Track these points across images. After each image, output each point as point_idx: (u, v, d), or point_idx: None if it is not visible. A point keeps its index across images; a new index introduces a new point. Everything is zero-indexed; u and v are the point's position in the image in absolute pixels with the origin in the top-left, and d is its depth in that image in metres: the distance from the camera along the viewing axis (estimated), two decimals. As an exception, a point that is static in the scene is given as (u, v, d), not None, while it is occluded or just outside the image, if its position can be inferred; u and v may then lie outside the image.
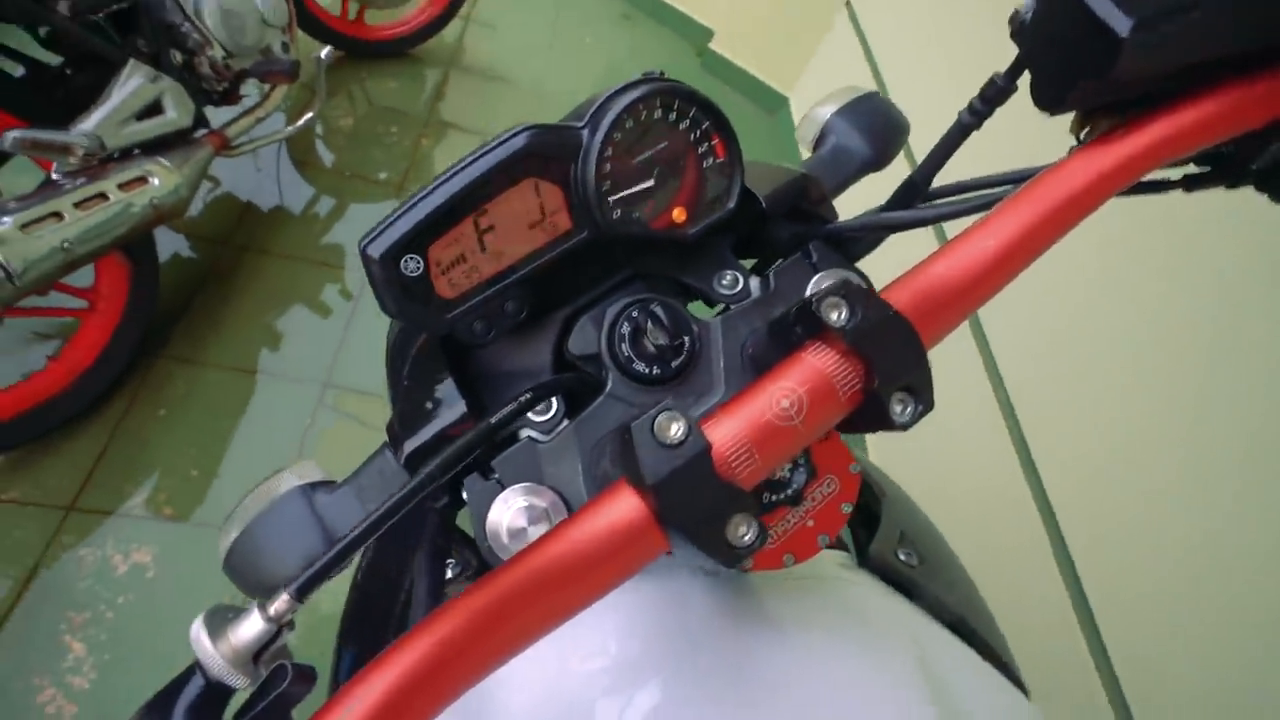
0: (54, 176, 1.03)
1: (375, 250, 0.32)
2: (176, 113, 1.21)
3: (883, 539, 0.49)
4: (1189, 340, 0.92)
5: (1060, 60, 0.25)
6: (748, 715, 0.29)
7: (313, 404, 1.41)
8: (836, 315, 0.26)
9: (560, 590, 0.23)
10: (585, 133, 0.34)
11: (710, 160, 0.38)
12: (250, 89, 1.46)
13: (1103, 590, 0.96)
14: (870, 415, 0.26)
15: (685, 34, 2.87)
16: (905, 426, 0.26)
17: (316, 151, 1.94)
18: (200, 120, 1.29)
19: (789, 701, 0.29)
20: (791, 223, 0.43)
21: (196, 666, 0.20)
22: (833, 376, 0.25)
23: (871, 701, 0.30)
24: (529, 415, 0.36)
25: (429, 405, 0.36)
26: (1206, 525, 0.84)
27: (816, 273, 0.40)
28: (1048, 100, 0.27)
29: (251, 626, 0.20)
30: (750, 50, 2.69)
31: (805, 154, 0.48)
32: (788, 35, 2.55)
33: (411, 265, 0.32)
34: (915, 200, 0.37)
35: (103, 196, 1.02)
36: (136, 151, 1.16)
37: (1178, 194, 0.31)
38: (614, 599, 0.35)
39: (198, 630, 0.20)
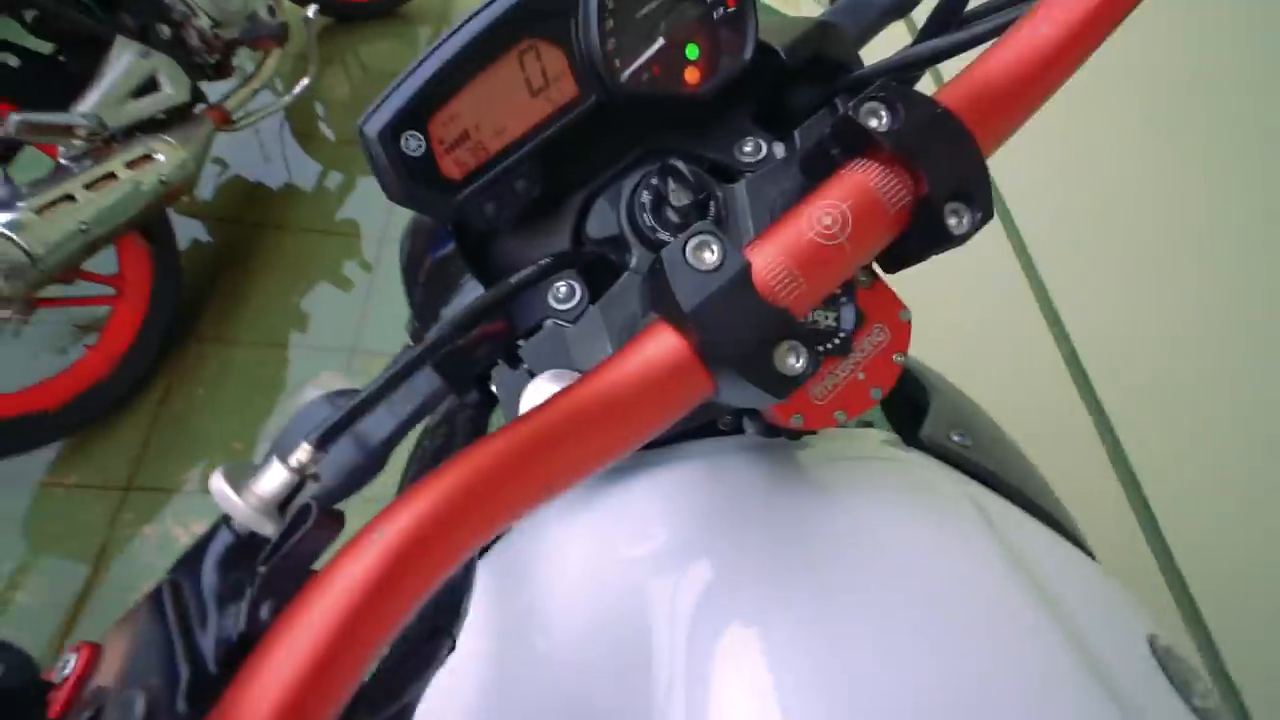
0: (61, 162, 1.03)
1: (373, 128, 0.30)
2: (173, 88, 1.19)
3: (934, 424, 0.46)
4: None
5: None
6: (811, 593, 0.27)
7: (341, 371, 1.42)
8: (878, 121, 0.23)
9: (598, 434, 0.21)
10: (582, -15, 0.31)
11: (720, 10, 0.34)
12: (243, 60, 1.44)
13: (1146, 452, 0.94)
14: (924, 232, 0.24)
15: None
16: (964, 239, 0.23)
17: (318, 123, 1.91)
18: (198, 95, 1.28)
19: (859, 575, 0.27)
20: (814, 84, 0.40)
21: (223, 521, 0.20)
22: (879, 188, 0.23)
23: (950, 568, 0.28)
24: (553, 305, 0.35)
25: (448, 300, 0.34)
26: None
27: None
28: None
29: (274, 477, 0.19)
30: None
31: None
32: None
33: (413, 144, 0.30)
34: (952, 24, 0.33)
35: (111, 176, 1.02)
36: (139, 132, 1.15)
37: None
38: (656, 483, 0.34)
39: (219, 482, 0.19)
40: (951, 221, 0.23)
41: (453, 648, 0.24)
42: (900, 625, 0.24)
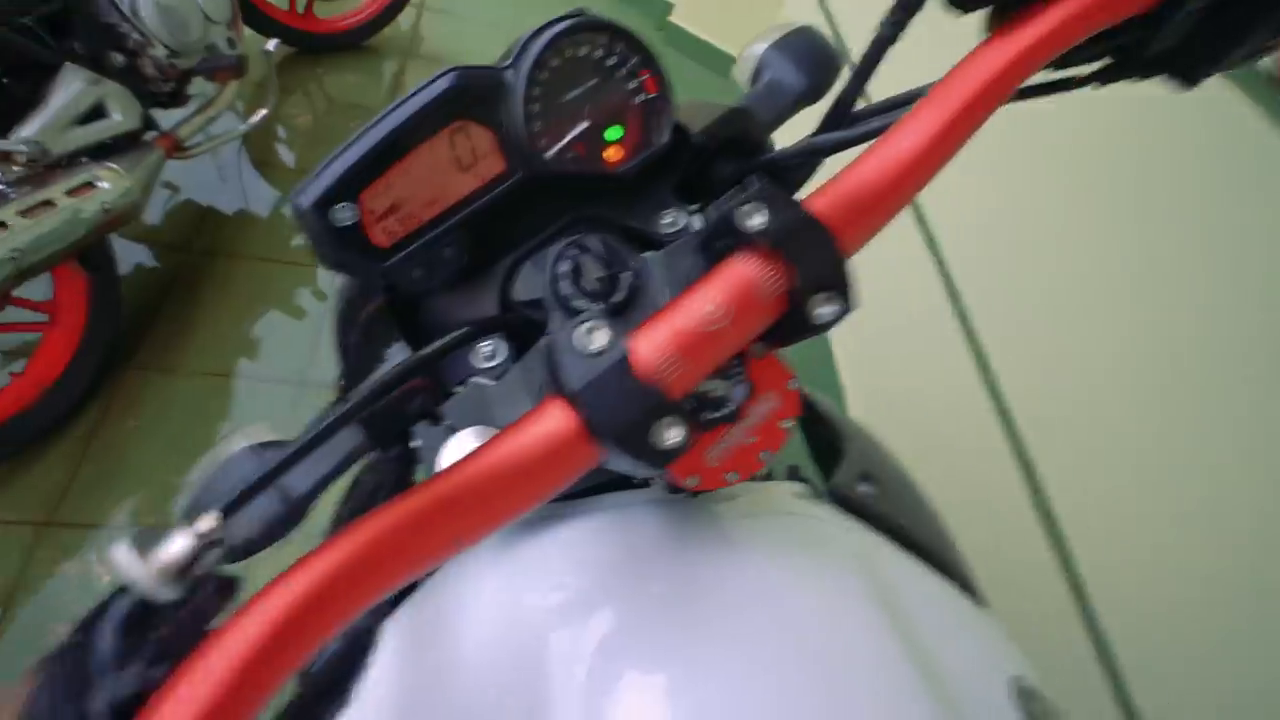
0: (-1, 187, 1.01)
1: (306, 200, 0.32)
2: (122, 115, 1.18)
3: (845, 474, 0.50)
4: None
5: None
6: (698, 639, 0.29)
7: (288, 404, 1.40)
8: (756, 220, 0.26)
9: (494, 499, 0.23)
10: (510, 73, 0.34)
11: (641, 96, 0.38)
12: (200, 88, 1.43)
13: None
14: (795, 318, 0.26)
15: (644, 8, 2.84)
16: (826, 327, 0.26)
17: (277, 151, 1.90)
18: (149, 123, 1.26)
19: (740, 623, 0.29)
20: (732, 160, 0.43)
21: (123, 586, 0.20)
22: (756, 280, 0.26)
23: (823, 614, 0.30)
24: (478, 364, 0.37)
25: (376, 359, 0.36)
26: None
27: None
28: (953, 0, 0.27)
29: (177, 544, 0.20)
30: (710, 21, 2.67)
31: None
32: (747, 3, 2.53)
33: (344, 214, 0.32)
34: (845, 121, 0.37)
35: (49, 204, 1.00)
36: (84, 159, 1.13)
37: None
38: (566, 536, 0.36)
39: (120, 551, 0.20)
40: (819, 311, 0.26)
41: (344, 704, 0.25)
42: (767, 672, 0.26)
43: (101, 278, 1.22)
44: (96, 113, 1.14)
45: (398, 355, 0.35)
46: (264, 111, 1.48)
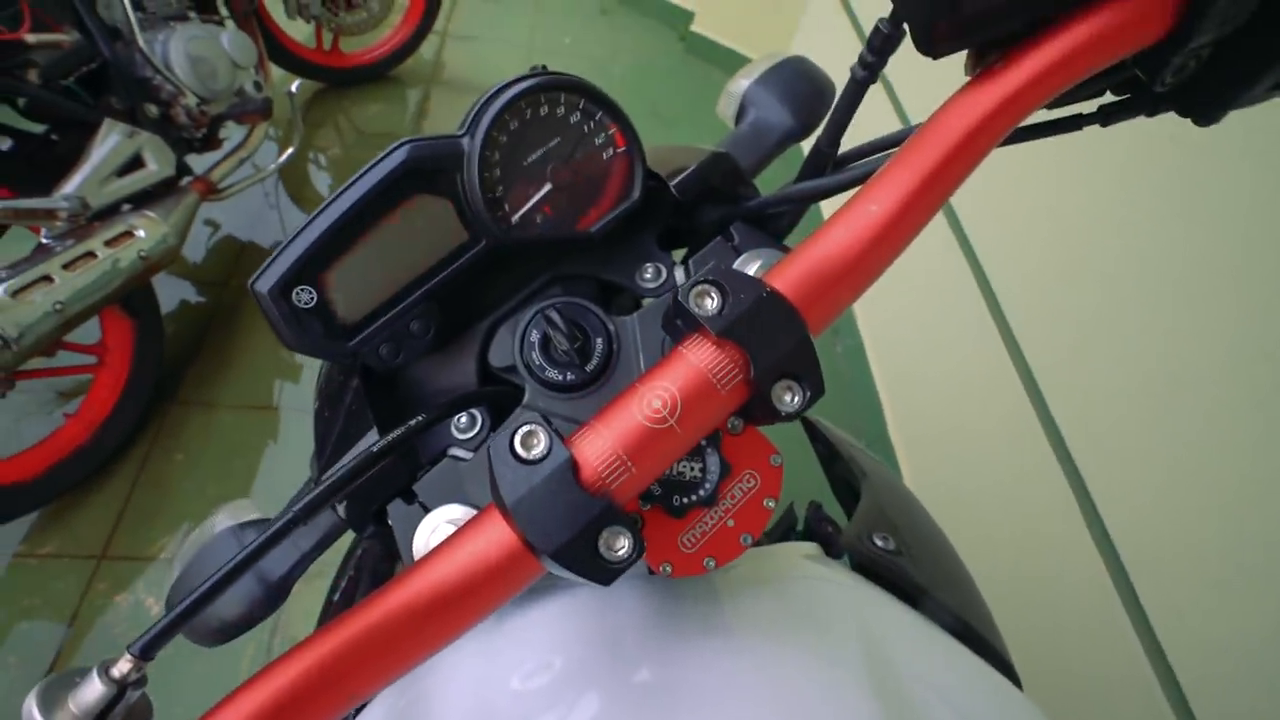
0: (44, 240, 1.06)
1: (264, 286, 0.31)
2: (158, 164, 1.23)
3: (859, 524, 0.47)
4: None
5: (923, 1, 0.23)
6: (687, 713, 0.27)
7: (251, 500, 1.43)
8: (709, 304, 0.24)
9: (434, 619, 0.21)
10: (466, 140, 0.33)
11: (610, 151, 0.36)
12: (231, 131, 1.49)
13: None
14: (759, 406, 0.24)
15: (665, 19, 2.82)
16: (793, 417, 0.24)
17: (311, 184, 1.96)
18: (183, 169, 1.32)
19: (719, 711, 0.27)
20: (715, 205, 0.41)
21: None
22: (709, 370, 0.23)
23: (806, 703, 0.28)
24: (455, 434, 0.36)
25: (352, 438, 0.35)
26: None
27: (740, 254, 0.38)
28: (923, 44, 0.24)
29: (91, 691, 0.19)
30: (732, 28, 2.64)
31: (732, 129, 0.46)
32: (769, 7, 2.49)
33: (304, 297, 0.32)
34: (826, 166, 0.34)
35: (90, 255, 1.05)
36: (126, 207, 1.19)
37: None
38: (552, 611, 0.34)
39: (29, 704, 0.19)
40: (784, 399, 0.24)
41: None
42: None
43: (145, 320, 1.28)
44: (134, 163, 1.20)
45: (370, 433, 0.35)
46: (291, 150, 1.53)
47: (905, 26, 0.27)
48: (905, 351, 1.54)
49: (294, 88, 1.55)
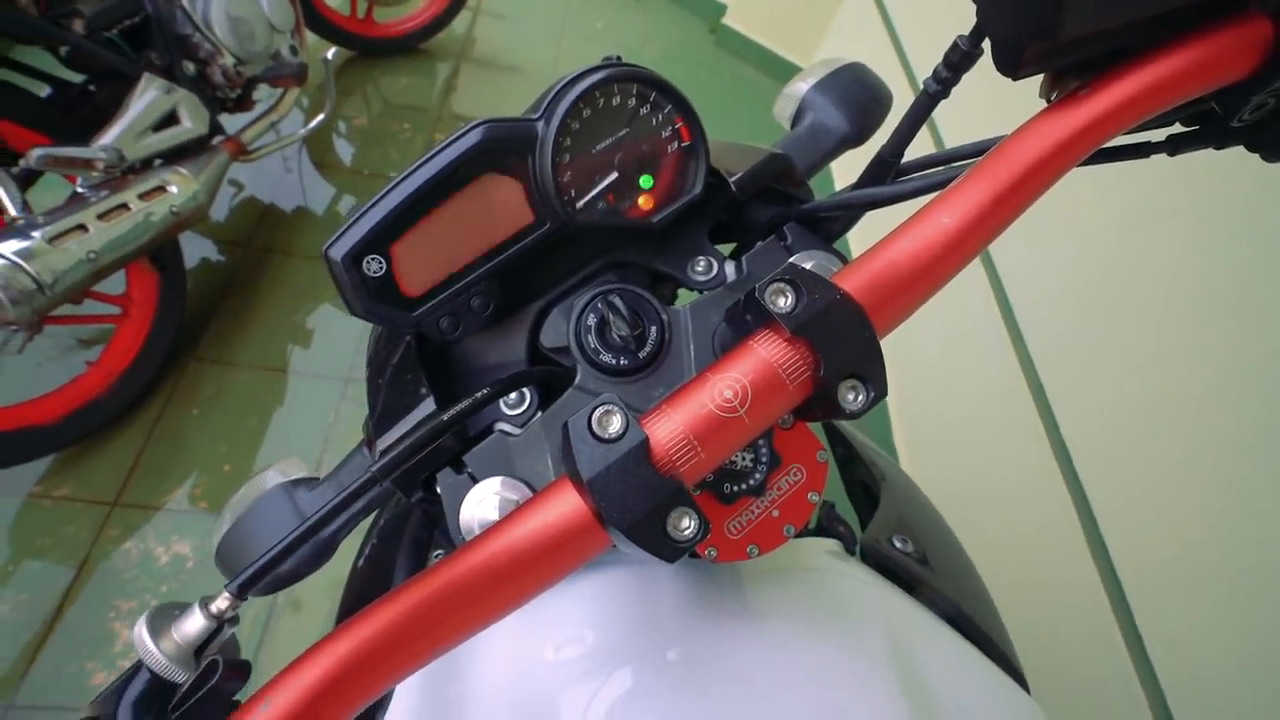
0: (79, 190, 1.07)
1: (337, 253, 0.32)
2: (193, 122, 1.24)
3: (879, 525, 0.48)
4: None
5: (1012, 20, 0.24)
6: (709, 706, 0.28)
7: (335, 399, 1.45)
8: (783, 302, 0.25)
9: (498, 588, 0.23)
10: (540, 124, 0.34)
11: (675, 144, 0.37)
12: (263, 94, 1.49)
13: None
14: (823, 403, 0.25)
15: (697, 11, 2.81)
16: (856, 415, 0.25)
17: (335, 151, 1.97)
18: (216, 128, 1.33)
19: (751, 693, 0.29)
20: (769, 205, 0.42)
21: (140, 664, 0.21)
22: (779, 365, 0.25)
23: (837, 692, 0.29)
24: (503, 409, 0.37)
25: (404, 405, 0.36)
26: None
27: (791, 255, 0.38)
28: (1007, 64, 0.25)
29: (193, 623, 0.21)
30: (765, 23, 2.63)
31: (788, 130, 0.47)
32: (803, 4, 2.47)
33: (374, 266, 0.33)
34: (888, 175, 0.35)
35: (124, 207, 1.06)
36: (158, 162, 1.20)
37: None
38: (589, 588, 0.35)
39: (140, 628, 0.20)
40: (848, 397, 0.25)
41: None
42: None
43: (170, 275, 1.29)
44: (169, 119, 1.21)
45: (426, 403, 0.36)
46: (322, 116, 1.54)
47: (985, 44, 0.28)
48: (917, 358, 1.55)
49: (330, 54, 1.55)
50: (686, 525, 0.23)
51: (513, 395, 0.37)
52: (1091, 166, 0.30)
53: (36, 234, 0.95)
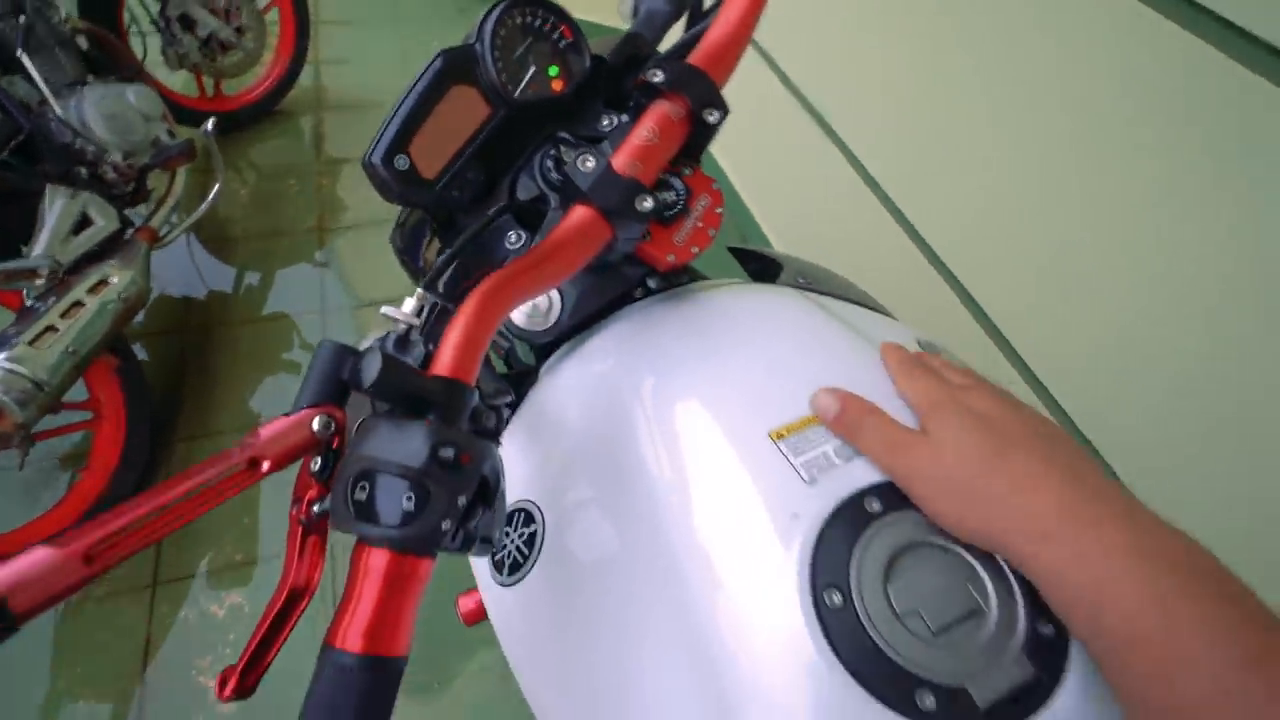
0: (28, 304, 1.14)
1: (376, 157, 0.49)
2: (104, 219, 1.31)
3: (784, 277, 0.68)
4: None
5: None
6: (708, 358, 0.47)
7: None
8: (659, 76, 0.44)
9: (557, 263, 0.41)
10: (477, 45, 0.51)
11: (563, 42, 0.55)
12: (154, 182, 1.55)
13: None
14: (697, 132, 0.45)
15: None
16: (717, 126, 0.44)
17: (235, 221, 2.02)
18: (125, 221, 1.39)
19: (733, 338, 0.48)
20: (635, 72, 0.61)
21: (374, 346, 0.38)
22: (669, 110, 0.44)
23: (783, 317, 0.49)
24: (508, 247, 0.54)
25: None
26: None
27: None
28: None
29: (411, 305, 0.38)
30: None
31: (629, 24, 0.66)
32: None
33: (401, 162, 0.49)
34: (700, 19, 0.55)
35: (79, 304, 1.14)
36: (86, 264, 1.26)
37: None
38: (615, 329, 0.54)
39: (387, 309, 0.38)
40: (709, 119, 0.44)
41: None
42: (752, 346, 0.45)
43: (128, 363, 1.36)
44: (83, 223, 1.27)
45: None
46: (217, 187, 1.61)
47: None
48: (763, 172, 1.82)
49: (209, 126, 1.62)
50: (648, 202, 0.42)
51: (512, 236, 0.54)
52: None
53: (16, 341, 1.02)
